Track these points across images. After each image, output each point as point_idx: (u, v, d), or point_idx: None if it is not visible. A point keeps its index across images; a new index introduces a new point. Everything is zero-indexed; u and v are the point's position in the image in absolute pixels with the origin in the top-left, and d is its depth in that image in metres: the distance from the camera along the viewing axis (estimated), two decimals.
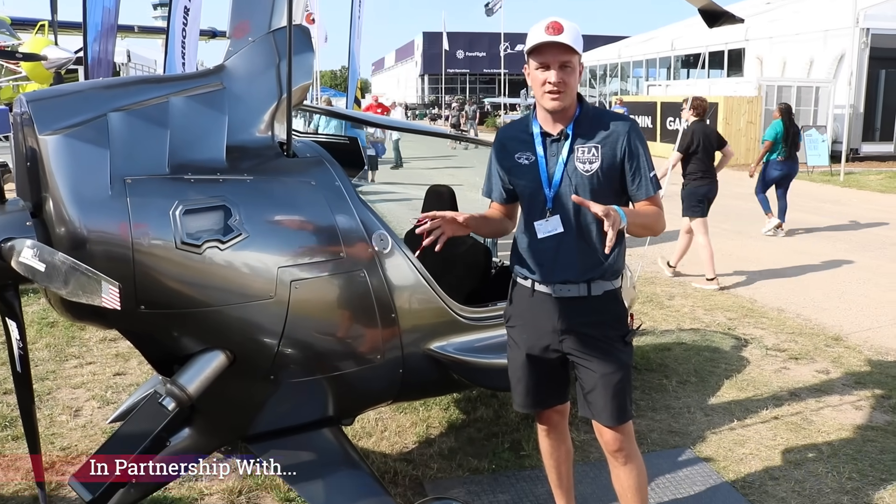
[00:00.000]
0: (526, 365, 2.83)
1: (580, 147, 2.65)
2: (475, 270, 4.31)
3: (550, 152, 2.69)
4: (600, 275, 2.69)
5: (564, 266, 2.68)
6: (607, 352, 2.70)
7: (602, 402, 2.71)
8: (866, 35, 21.52)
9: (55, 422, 4.26)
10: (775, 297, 7.18)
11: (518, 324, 2.85)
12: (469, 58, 66.04)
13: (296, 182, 2.79)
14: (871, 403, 4.63)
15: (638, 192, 2.68)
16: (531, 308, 2.78)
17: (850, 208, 13.21)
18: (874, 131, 23.16)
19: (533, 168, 2.71)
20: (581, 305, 2.70)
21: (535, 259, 2.74)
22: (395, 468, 3.72)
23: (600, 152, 2.64)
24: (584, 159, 2.64)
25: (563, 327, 2.72)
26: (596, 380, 2.70)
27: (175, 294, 2.53)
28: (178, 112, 2.63)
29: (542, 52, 2.56)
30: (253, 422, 2.91)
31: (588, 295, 2.69)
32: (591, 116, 2.70)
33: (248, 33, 2.87)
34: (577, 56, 2.58)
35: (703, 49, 24.60)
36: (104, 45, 8.60)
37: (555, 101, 2.59)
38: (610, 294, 2.73)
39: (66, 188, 2.39)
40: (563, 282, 2.70)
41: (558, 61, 2.55)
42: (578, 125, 2.67)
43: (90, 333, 5.70)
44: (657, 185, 2.70)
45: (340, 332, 2.91)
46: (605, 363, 2.70)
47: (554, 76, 2.56)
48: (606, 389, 2.69)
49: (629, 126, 2.69)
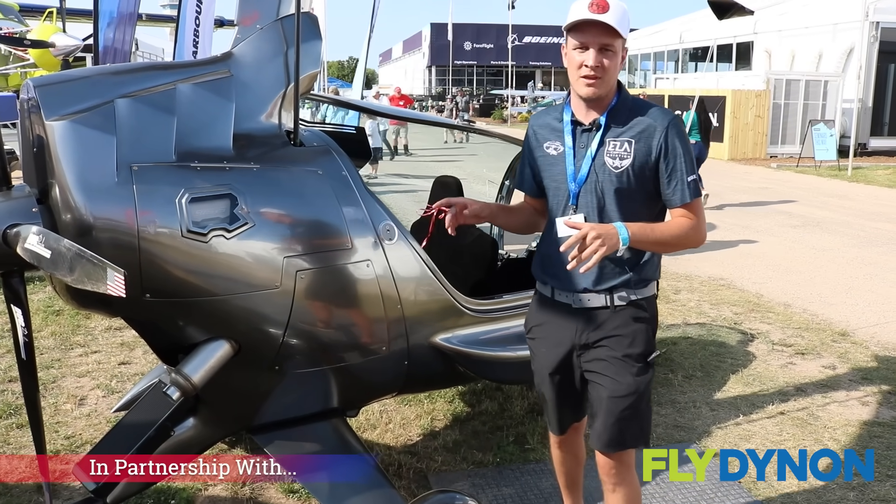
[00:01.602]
0: (548, 380, 2.64)
1: (612, 140, 2.40)
2: (481, 262, 4.29)
3: (580, 143, 2.45)
4: (623, 284, 2.45)
5: (585, 273, 2.40)
6: (621, 372, 2.45)
7: (601, 425, 2.50)
8: (876, 29, 21.38)
9: (60, 410, 4.26)
10: (782, 292, 7.16)
11: (538, 335, 2.65)
12: (477, 49, 65.88)
13: (302, 171, 2.77)
14: (877, 399, 4.60)
15: (673, 197, 2.41)
16: (551, 319, 2.58)
17: (857, 203, 13.15)
18: (882, 126, 23.03)
19: (559, 160, 2.48)
20: (602, 317, 2.47)
21: (556, 263, 2.47)
22: (400, 460, 3.71)
23: (633, 148, 2.38)
24: (614, 154, 2.39)
25: (581, 341, 2.51)
26: (603, 401, 2.48)
27: (180, 282, 2.52)
28: (185, 99, 2.62)
29: (582, 30, 2.30)
30: (257, 412, 2.90)
31: (610, 306, 2.46)
32: (629, 107, 2.43)
33: (256, 20, 2.86)
34: (620, 39, 2.32)
35: (712, 42, 24.48)
36: (121, 33, 8.43)
37: (590, 87, 2.35)
38: (636, 306, 2.48)
39: (73, 174, 2.38)
40: (583, 290, 2.47)
41: (599, 43, 2.29)
42: (613, 116, 2.42)
43: (95, 322, 5.70)
44: (696, 190, 2.41)
45: (346, 322, 2.90)
46: (616, 384, 2.45)
47: (592, 59, 2.30)
48: (610, 413, 2.46)
49: (669, 120, 2.41)
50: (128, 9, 8.28)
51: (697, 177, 2.43)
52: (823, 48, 23.09)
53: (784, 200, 13.29)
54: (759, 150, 21.58)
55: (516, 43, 49.87)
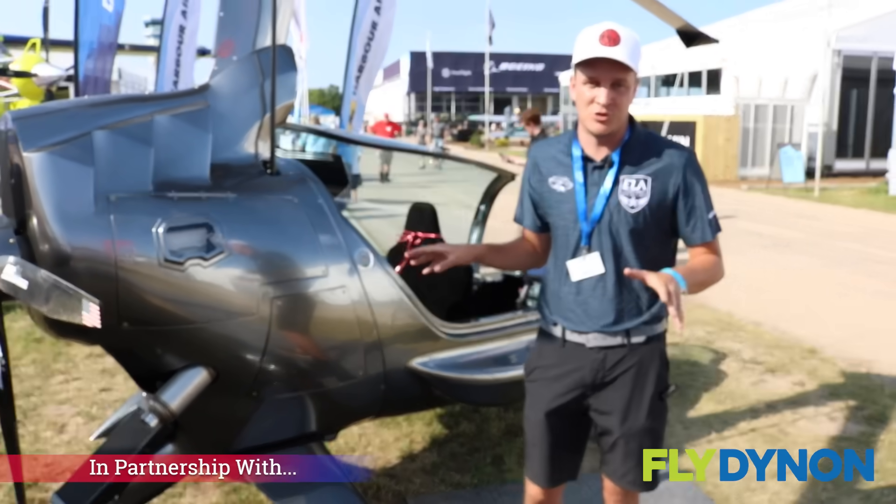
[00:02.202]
0: (544, 425, 2.46)
1: (627, 178, 2.29)
2: (457, 287, 4.34)
3: (591, 181, 2.31)
4: (642, 321, 2.36)
5: (601, 312, 2.33)
6: (638, 408, 2.37)
7: (625, 464, 2.40)
8: (838, 56, 22.02)
9: (40, 438, 4.24)
10: (753, 311, 7.27)
11: (542, 377, 2.48)
12: (454, 76, 66.53)
13: (278, 200, 2.82)
14: (845, 415, 4.70)
15: (693, 235, 2.34)
16: (561, 361, 2.43)
17: (825, 223, 13.40)
18: (847, 148, 23.63)
19: (568, 197, 2.34)
20: (619, 356, 2.37)
21: (568, 304, 2.38)
22: (378, 483, 3.73)
23: (650, 185, 2.27)
24: (630, 192, 2.27)
25: (595, 381, 2.39)
26: (621, 438, 2.39)
27: (158, 311, 2.55)
28: (162, 130, 2.66)
29: (594, 66, 2.18)
30: (235, 438, 2.92)
31: (627, 344, 2.36)
32: (642, 142, 2.33)
33: (232, 51, 2.92)
34: (632, 73, 2.21)
35: (682, 69, 24.92)
36: (101, 63, 8.46)
37: (601, 124, 2.22)
38: (652, 341, 2.40)
39: (51, 205, 2.41)
40: (598, 330, 2.35)
41: (611, 78, 2.18)
42: (627, 152, 2.30)
43: (77, 349, 5.67)
44: (716, 227, 2.35)
45: (322, 348, 2.93)
46: (634, 419, 2.37)
47: (604, 96, 2.18)
48: (630, 451, 2.38)
49: (686, 158, 2.31)
50: (108, 39, 8.33)
51: (715, 213, 2.37)
52: (789, 74, 23.64)
53: (754, 221, 13.51)
54: (729, 173, 21.95)
55: (493, 70, 50.30)
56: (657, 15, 3.49)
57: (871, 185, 19.02)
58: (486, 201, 4.86)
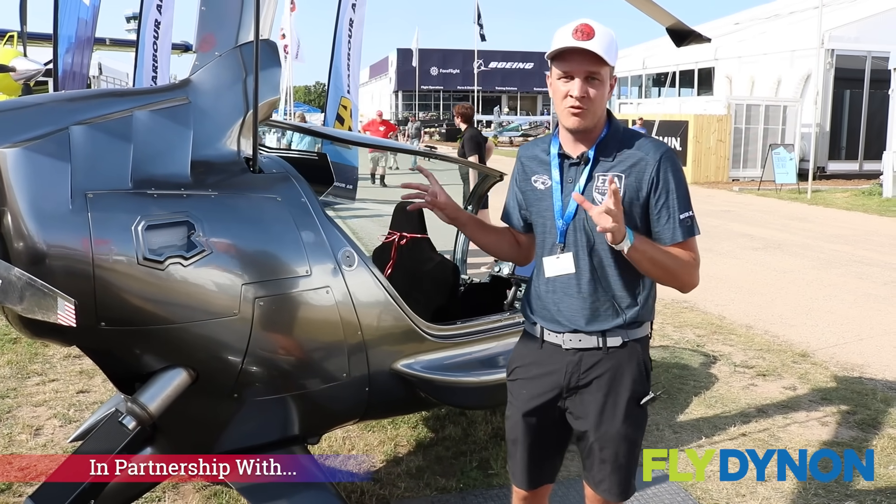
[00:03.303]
0: (523, 425, 2.45)
1: (601, 175, 2.27)
2: (443, 288, 4.29)
3: (567, 178, 2.32)
4: (618, 325, 2.33)
5: (575, 311, 2.32)
6: (613, 414, 2.34)
7: (602, 472, 2.38)
8: (831, 56, 22.04)
9: (14, 441, 4.16)
10: (744, 314, 7.25)
11: (521, 377, 2.47)
12: (443, 74, 66.41)
13: (261, 198, 2.76)
14: (836, 419, 4.67)
15: (663, 234, 2.26)
16: (539, 360, 2.42)
17: (817, 226, 13.41)
18: (840, 150, 23.66)
19: (546, 194, 2.36)
20: (594, 359, 2.34)
21: (544, 303, 2.39)
22: (362, 487, 3.67)
23: (623, 183, 2.24)
24: (603, 190, 2.24)
25: (571, 384, 2.37)
26: (597, 446, 2.36)
27: (136, 311, 2.49)
28: (141, 126, 2.60)
29: (567, 59, 2.19)
30: (216, 441, 2.87)
31: (602, 347, 2.33)
32: (619, 139, 2.30)
33: (214, 46, 2.85)
34: (607, 67, 2.21)
35: (674, 68, 24.96)
36: (79, 57, 8.43)
37: (576, 117, 2.22)
38: (629, 346, 2.35)
39: (25, 202, 2.34)
40: (573, 331, 2.34)
41: (584, 71, 2.18)
42: (602, 149, 2.29)
43: (54, 350, 5.59)
44: (690, 229, 2.28)
45: (305, 349, 2.88)
46: (609, 425, 2.34)
47: (577, 88, 2.18)
48: (606, 459, 2.36)
49: (662, 153, 2.26)
50: (85, 34, 8.25)
51: (692, 214, 2.30)
52: (782, 74, 23.69)
53: (746, 223, 13.51)
54: (721, 174, 21.98)
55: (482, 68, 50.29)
56: (648, 13, 3.44)
57: (864, 187, 19.04)
58: (473, 201, 4.82)
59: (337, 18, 8.85)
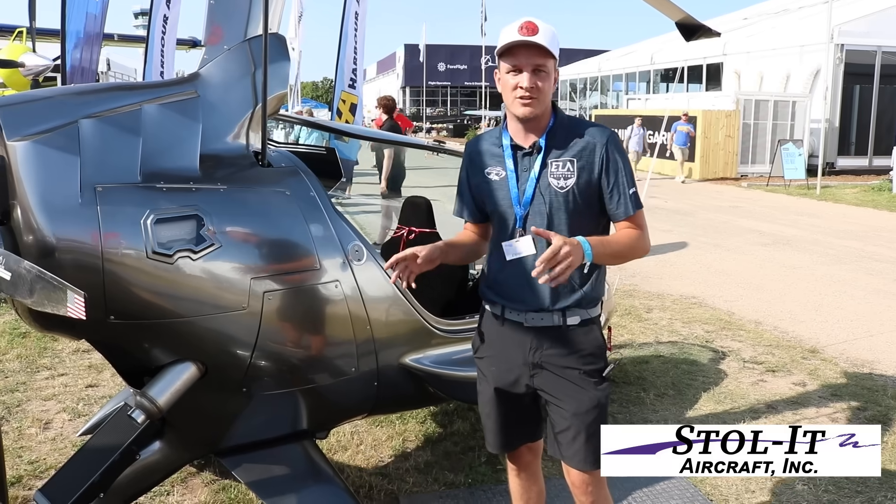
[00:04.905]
0: (494, 400, 2.60)
1: (554, 161, 2.41)
2: (452, 282, 4.28)
3: (522, 167, 2.45)
4: (576, 303, 2.45)
5: (536, 293, 2.43)
6: (581, 388, 2.46)
7: (574, 444, 2.48)
8: (841, 51, 21.88)
9: (24, 434, 4.17)
10: (753, 310, 7.22)
11: (487, 355, 2.61)
12: (450, 70, 66.21)
13: (270, 192, 2.76)
14: (846, 416, 4.65)
15: (617, 211, 2.44)
16: (501, 338, 2.55)
17: (826, 221, 13.35)
18: (850, 145, 23.50)
19: (502, 184, 2.48)
20: (555, 337, 2.47)
21: (505, 284, 2.50)
22: (371, 482, 3.67)
23: (576, 167, 2.40)
24: (558, 175, 2.40)
25: (534, 360, 2.49)
26: (568, 419, 2.47)
27: (145, 304, 2.50)
28: (150, 120, 2.60)
29: (515, 53, 2.33)
30: (225, 435, 2.87)
31: (563, 325, 2.45)
32: (566, 127, 2.46)
33: (221, 39, 2.85)
34: (552, 60, 2.36)
35: (682, 63, 24.86)
36: (87, 53, 8.45)
37: (526, 106, 2.36)
38: (587, 324, 2.49)
39: (35, 196, 2.35)
40: (535, 310, 2.46)
41: (531, 64, 2.33)
42: (552, 137, 2.43)
43: (63, 344, 5.61)
44: (637, 202, 2.46)
45: (314, 343, 2.88)
46: (579, 401, 2.46)
47: (526, 80, 2.32)
48: (579, 430, 2.46)
49: (607, 136, 2.44)
50: (94, 29, 8.28)
51: (636, 189, 2.48)
52: (791, 69, 23.54)
53: (755, 219, 13.46)
54: (729, 170, 21.87)
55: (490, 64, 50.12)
56: (658, 8, 3.42)
57: (873, 182, 18.91)
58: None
59: (343, 11, 8.85)
